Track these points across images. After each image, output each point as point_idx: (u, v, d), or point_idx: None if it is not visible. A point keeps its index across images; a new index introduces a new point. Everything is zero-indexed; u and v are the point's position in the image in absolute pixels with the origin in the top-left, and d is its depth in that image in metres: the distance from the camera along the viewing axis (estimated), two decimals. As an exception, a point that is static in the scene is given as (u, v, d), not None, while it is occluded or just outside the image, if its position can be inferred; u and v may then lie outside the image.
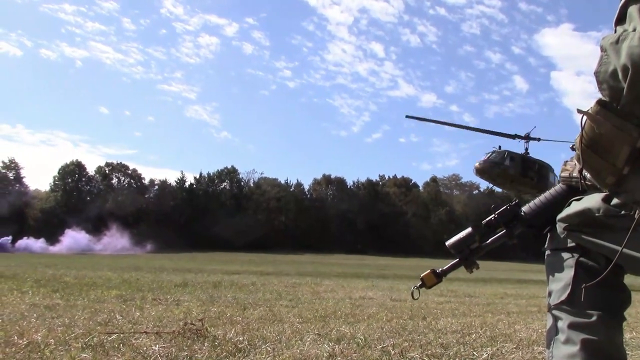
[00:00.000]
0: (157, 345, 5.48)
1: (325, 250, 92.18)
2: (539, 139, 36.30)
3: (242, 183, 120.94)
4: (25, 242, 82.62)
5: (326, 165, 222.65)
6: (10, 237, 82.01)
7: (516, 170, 35.41)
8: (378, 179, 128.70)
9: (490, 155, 36.53)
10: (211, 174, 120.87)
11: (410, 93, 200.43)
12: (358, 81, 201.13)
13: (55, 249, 78.19)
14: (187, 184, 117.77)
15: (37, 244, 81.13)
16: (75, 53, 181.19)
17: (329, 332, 6.75)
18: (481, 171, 36.53)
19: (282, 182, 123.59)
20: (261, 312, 8.91)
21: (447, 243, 3.00)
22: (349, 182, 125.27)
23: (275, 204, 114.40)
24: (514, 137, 36.46)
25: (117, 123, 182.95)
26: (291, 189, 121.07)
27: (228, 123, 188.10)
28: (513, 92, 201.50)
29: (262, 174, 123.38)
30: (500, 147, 36.56)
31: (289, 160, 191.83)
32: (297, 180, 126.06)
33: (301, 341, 6.02)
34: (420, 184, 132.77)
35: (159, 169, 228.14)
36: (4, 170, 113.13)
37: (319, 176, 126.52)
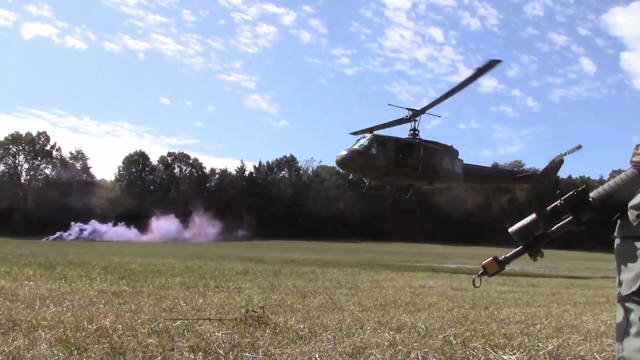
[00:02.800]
0: (220, 332, 5.58)
1: (383, 238, 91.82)
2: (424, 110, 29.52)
3: (301, 171, 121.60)
4: (114, 230, 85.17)
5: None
6: (108, 225, 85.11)
7: (387, 160, 28.84)
8: None
9: (357, 143, 29.69)
10: (270, 162, 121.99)
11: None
12: (417, 67, 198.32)
13: (147, 237, 79.74)
14: (247, 173, 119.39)
15: (129, 232, 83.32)
16: (138, 45, 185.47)
17: (389, 320, 6.72)
18: (342, 163, 29.98)
19: (341, 170, 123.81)
20: (321, 300, 8.95)
21: (510, 230, 2.92)
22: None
23: (333, 192, 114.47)
24: (407, 120, 29.67)
25: (179, 113, 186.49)
26: (349, 177, 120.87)
27: (286, 112, 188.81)
28: (579, 74, 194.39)
29: (320, 162, 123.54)
30: (372, 131, 29.82)
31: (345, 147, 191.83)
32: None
33: (361, 329, 6.01)
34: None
35: (220, 158, 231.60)
36: (71, 161, 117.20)
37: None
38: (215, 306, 7.57)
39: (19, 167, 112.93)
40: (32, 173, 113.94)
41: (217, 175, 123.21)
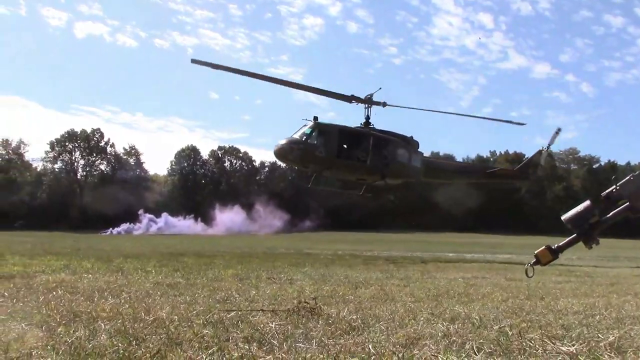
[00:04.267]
0: (274, 323, 5.63)
1: (434, 228, 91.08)
2: (384, 104, 26.89)
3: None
4: (182, 223, 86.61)
5: (434, 142, 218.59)
6: (178, 219, 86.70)
7: (329, 151, 26.06)
8: (489, 155, 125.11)
9: (298, 131, 27.04)
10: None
11: (521, 64, 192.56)
12: (466, 54, 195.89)
13: (213, 230, 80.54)
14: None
15: (195, 225, 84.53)
16: (186, 41, 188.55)
17: (443, 311, 6.66)
18: (278, 154, 27.81)
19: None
20: (373, 291, 8.94)
21: (563, 217, 2.85)
22: (459, 159, 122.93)
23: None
24: (349, 99, 26.74)
25: (228, 108, 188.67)
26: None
27: (335, 103, 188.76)
28: (638, 57, 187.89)
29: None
30: (316, 117, 26.94)
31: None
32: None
33: (414, 320, 5.97)
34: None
35: (269, 151, 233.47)
36: (125, 157, 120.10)
37: (428, 154, 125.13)
38: (267, 297, 7.64)
39: (75, 164, 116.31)
40: (87, 169, 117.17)
41: (266, 168, 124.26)
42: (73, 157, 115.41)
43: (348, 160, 26.29)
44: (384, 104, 26.64)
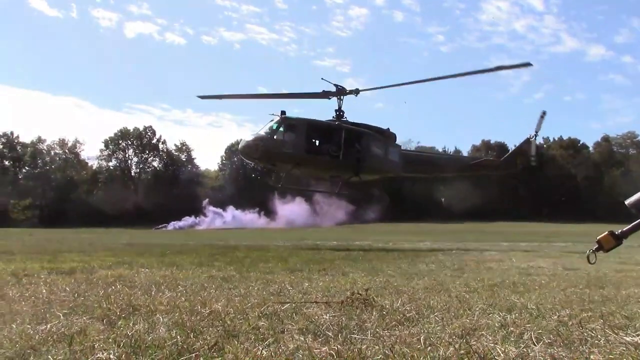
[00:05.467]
0: (328, 314, 5.64)
1: (486, 218, 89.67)
2: (356, 91, 25.14)
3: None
4: (246, 216, 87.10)
5: (485, 130, 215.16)
6: (244, 212, 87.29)
7: (297, 147, 24.35)
8: (542, 142, 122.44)
9: (265, 126, 25.43)
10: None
11: (574, 47, 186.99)
12: (516, 39, 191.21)
13: (275, 223, 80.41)
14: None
15: (259, 219, 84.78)
16: (233, 37, 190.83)
17: (499, 301, 6.56)
18: (243, 152, 26.44)
19: (440, 149, 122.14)
20: (426, 281, 8.87)
21: (627, 202, 2.75)
22: (510, 146, 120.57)
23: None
24: (323, 95, 25.17)
25: (276, 101, 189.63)
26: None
27: (382, 93, 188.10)
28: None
29: (418, 143, 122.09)
30: (283, 112, 24.98)
31: (446, 127, 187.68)
32: (455, 148, 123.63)
33: (470, 311, 5.90)
34: (590, 144, 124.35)
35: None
36: (176, 153, 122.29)
37: (478, 142, 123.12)
38: (320, 289, 7.67)
39: (129, 161, 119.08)
40: (141, 166, 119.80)
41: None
42: (127, 155, 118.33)
43: (318, 156, 24.70)
44: (357, 91, 25.09)
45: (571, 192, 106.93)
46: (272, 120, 25.03)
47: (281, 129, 24.56)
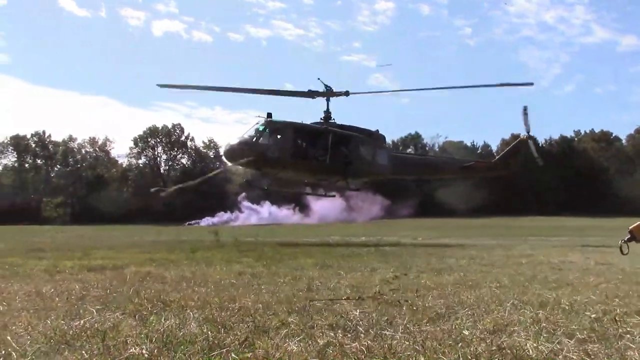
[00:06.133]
0: (358, 310, 5.63)
1: (516, 212, 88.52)
2: (346, 93, 24.64)
3: (427, 148, 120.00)
4: (281, 212, 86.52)
5: (514, 124, 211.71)
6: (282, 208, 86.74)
7: (283, 151, 23.63)
8: (573, 135, 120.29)
9: (250, 129, 24.61)
10: (395, 140, 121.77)
11: (605, 38, 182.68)
12: (545, 31, 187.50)
13: (309, 219, 79.36)
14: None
15: (294, 215, 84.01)
16: (260, 33, 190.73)
17: (530, 297, 6.47)
18: (228, 156, 25.81)
19: (468, 144, 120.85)
20: (456, 277, 8.80)
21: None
22: (541, 140, 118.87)
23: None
24: (310, 94, 24.71)
25: (302, 97, 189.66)
26: (478, 151, 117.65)
27: (409, 88, 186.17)
28: None
29: (446, 137, 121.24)
30: (270, 114, 24.43)
31: (474, 121, 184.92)
32: (484, 142, 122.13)
33: (501, 306, 5.83)
34: (623, 136, 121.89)
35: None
36: (204, 150, 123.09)
37: (507, 136, 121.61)
38: (350, 285, 7.65)
39: (158, 158, 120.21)
40: (170, 163, 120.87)
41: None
42: (156, 152, 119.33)
43: (305, 160, 23.97)
44: (347, 93, 24.59)
45: (603, 186, 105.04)
46: (257, 123, 24.41)
47: (266, 132, 24.02)
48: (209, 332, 4.57)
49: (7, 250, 16.36)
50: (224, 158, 27.92)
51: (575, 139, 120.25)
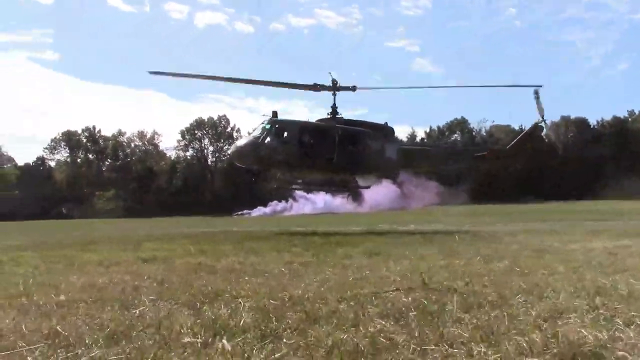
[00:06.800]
0: (408, 298, 5.61)
1: (569, 197, 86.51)
2: (353, 88, 24.06)
3: (474, 132, 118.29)
4: (335, 201, 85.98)
5: (563, 105, 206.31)
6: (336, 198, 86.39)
7: (289, 151, 23.26)
8: (627, 115, 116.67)
9: (255, 130, 24.64)
10: (441, 126, 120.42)
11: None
12: (594, 8, 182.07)
13: (362, 208, 78.55)
14: (418, 139, 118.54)
15: (347, 204, 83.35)
16: (301, 22, 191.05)
17: (585, 283, 6.32)
18: (235, 157, 25.69)
19: (516, 128, 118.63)
20: (506, 264, 8.64)
21: None
22: (592, 122, 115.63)
23: (510, 152, 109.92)
24: (314, 88, 23.98)
25: (346, 84, 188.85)
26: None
27: (453, 72, 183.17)
28: None
29: (493, 121, 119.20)
30: (275, 113, 24.30)
31: (521, 105, 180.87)
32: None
33: (554, 293, 5.72)
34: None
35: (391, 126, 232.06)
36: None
37: (557, 118, 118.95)
38: (399, 273, 7.61)
39: (205, 150, 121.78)
40: (217, 155, 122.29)
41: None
42: (203, 144, 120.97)
43: (312, 159, 23.53)
44: (354, 88, 24.05)
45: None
46: (262, 123, 24.23)
47: (272, 132, 23.63)
48: (260, 321, 4.63)
49: (63, 243, 16.85)
50: (231, 159, 27.55)
51: (630, 119, 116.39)
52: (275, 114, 24.09)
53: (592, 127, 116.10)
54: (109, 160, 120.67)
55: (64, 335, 4.37)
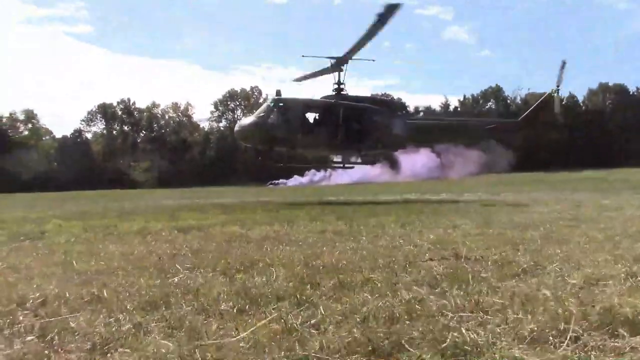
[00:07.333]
0: (442, 266, 5.61)
1: (608, 165, 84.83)
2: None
3: (509, 101, 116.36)
4: (372, 170, 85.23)
5: (602, 72, 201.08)
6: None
7: (292, 129, 23.18)
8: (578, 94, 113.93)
9: (259, 109, 24.66)
10: (475, 95, 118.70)
11: None
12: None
13: (401, 176, 77.84)
14: (451, 108, 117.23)
15: (385, 173, 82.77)
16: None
17: (622, 252, 6.23)
18: (240, 136, 25.46)
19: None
20: (542, 232, 8.57)
21: None
22: (632, 89, 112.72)
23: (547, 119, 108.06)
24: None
25: (378, 55, 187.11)
26: (563, 102, 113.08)
27: (488, 40, 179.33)
28: None
29: (529, 89, 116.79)
30: (278, 91, 24.23)
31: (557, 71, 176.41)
32: (570, 92, 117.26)
33: (591, 261, 5.67)
34: None
35: (424, 95, 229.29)
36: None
37: (594, 85, 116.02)
38: (431, 242, 7.60)
39: (238, 121, 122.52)
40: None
41: (421, 113, 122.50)
42: (235, 116, 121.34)
43: (316, 137, 23.54)
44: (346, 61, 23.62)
45: None
46: (265, 102, 24.25)
47: (275, 111, 23.58)
48: (296, 289, 4.69)
49: (102, 213, 17.20)
50: (236, 138, 27.51)
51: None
52: (278, 92, 24.09)
53: (631, 93, 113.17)
54: (143, 132, 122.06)
55: (106, 301, 4.49)
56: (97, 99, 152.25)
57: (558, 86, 24.79)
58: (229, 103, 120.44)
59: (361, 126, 23.50)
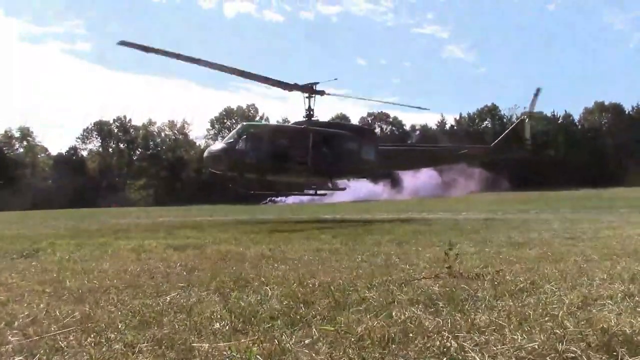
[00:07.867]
0: (437, 285, 5.56)
1: (602, 184, 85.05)
2: (322, 93, 23.14)
3: (505, 119, 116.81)
4: (375, 188, 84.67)
5: (598, 91, 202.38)
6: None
7: (261, 155, 22.70)
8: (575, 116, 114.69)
9: (228, 135, 24.39)
10: (471, 113, 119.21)
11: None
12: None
13: (401, 195, 77.44)
14: (447, 126, 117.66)
15: (385, 192, 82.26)
16: (329, 10, 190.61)
17: (619, 271, 6.19)
18: (207, 162, 25.21)
19: (549, 114, 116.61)
20: (538, 251, 8.54)
21: None
22: (627, 108, 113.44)
23: (542, 139, 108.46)
24: (289, 87, 22.97)
25: (375, 72, 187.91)
26: (559, 121, 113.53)
27: (485, 59, 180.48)
28: None
29: (524, 108, 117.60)
30: (265, 118, 22.83)
31: (554, 90, 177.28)
32: (565, 112, 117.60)
33: (588, 280, 5.63)
34: None
35: (419, 114, 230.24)
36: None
37: (590, 104, 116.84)
38: (428, 261, 7.56)
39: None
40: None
41: (417, 132, 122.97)
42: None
43: (285, 163, 22.91)
44: (322, 93, 23.14)
45: None
46: (235, 128, 23.69)
47: (244, 137, 23.29)
48: (290, 308, 4.63)
49: (96, 231, 17.11)
50: (205, 165, 26.88)
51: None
52: (262, 119, 23.49)
53: (627, 112, 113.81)
54: (139, 149, 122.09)
55: (97, 320, 4.43)
56: (93, 117, 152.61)
57: (530, 113, 25.19)
58: (225, 121, 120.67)
59: (331, 152, 23.09)
